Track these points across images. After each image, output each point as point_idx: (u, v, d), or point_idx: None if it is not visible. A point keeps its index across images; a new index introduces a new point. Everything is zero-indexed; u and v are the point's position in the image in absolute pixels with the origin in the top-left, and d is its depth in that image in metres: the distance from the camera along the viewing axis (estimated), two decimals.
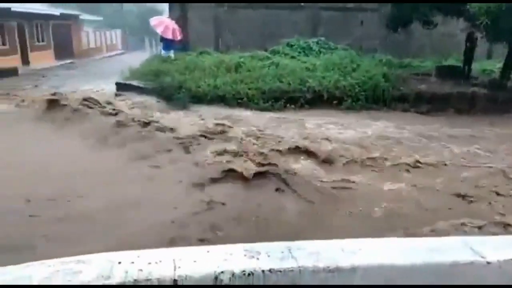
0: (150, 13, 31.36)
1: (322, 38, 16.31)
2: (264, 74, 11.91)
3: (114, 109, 9.21)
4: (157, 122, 8.27)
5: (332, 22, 17.53)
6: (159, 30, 16.03)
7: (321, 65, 12.64)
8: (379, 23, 14.98)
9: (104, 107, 9.29)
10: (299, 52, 15.05)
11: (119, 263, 0.92)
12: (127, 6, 38.53)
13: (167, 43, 15.98)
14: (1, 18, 19.69)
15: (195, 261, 0.96)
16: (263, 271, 0.99)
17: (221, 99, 10.89)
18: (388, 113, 10.76)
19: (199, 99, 10.86)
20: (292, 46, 15.46)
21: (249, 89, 11.03)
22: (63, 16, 25.93)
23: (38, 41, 24.10)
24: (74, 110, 9.17)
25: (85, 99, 9.70)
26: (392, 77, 11.84)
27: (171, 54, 15.59)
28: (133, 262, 0.93)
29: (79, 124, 8.46)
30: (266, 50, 14.97)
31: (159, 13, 34.24)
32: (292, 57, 14.40)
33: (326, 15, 17.86)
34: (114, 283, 0.86)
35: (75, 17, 28.74)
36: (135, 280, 0.88)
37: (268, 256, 1.03)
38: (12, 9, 19.60)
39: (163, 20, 16.85)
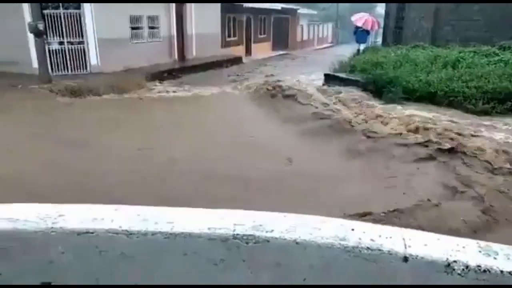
0: (361, 8, 31.52)
1: None
2: (488, 72, 10.44)
3: (313, 98, 9.75)
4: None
5: None
6: (359, 24, 18.17)
7: None
8: None
9: (310, 96, 9.88)
10: None
11: (352, 229, 0.99)
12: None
13: (361, 36, 18.11)
14: (235, 13, 22.83)
15: (425, 245, 0.95)
16: (501, 271, 0.90)
17: (432, 96, 10.09)
18: None
19: (408, 94, 10.32)
20: None
21: (467, 87, 9.87)
22: (283, 11, 28.32)
23: (260, 33, 27.03)
24: (284, 96, 10.06)
25: (292, 87, 10.58)
26: None
27: (361, 47, 17.57)
28: (364, 232, 0.99)
29: (285, 108, 9.24)
30: (493, 46, 13.07)
31: (369, 8, 34.18)
32: None
33: None
34: (348, 245, 0.93)
35: (294, 11, 30.97)
36: (367, 248, 0.93)
37: (508, 258, 0.94)
38: (244, 5, 22.49)
39: (363, 16, 19.12)
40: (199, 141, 6.93)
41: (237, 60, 20.45)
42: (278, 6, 27.49)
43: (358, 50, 16.99)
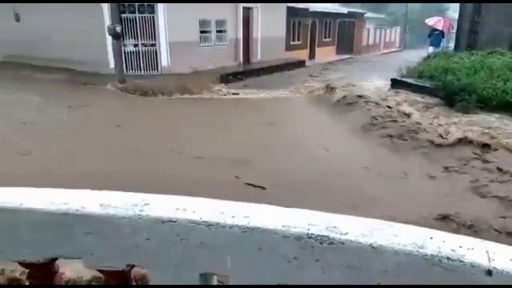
0: (432, 10, 30.12)
1: None
2: None
3: (380, 104, 9.45)
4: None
5: None
6: (437, 26, 18.24)
7: None
8: None
9: (373, 101, 9.60)
10: None
11: (431, 238, 0.96)
12: (411, 4, 37.96)
13: (435, 39, 17.93)
14: (300, 17, 22.81)
15: (511, 259, 0.90)
16: None
17: (510, 106, 9.38)
18: None
19: (483, 103, 9.66)
20: None
21: None
22: (349, 14, 27.83)
23: (325, 37, 26.76)
24: (349, 102, 9.87)
25: (357, 92, 10.37)
26: None
27: (431, 50, 17.12)
28: (444, 241, 0.95)
29: (351, 114, 9.05)
30: None
31: (440, 11, 32.58)
32: None
33: None
34: (427, 253, 0.91)
35: (360, 15, 30.33)
36: (447, 257, 0.90)
37: None
38: (310, 9, 22.41)
39: (438, 19, 19.10)
40: (274, 147, 6.94)
41: (300, 64, 20.41)
42: (344, 9, 27.06)
43: (429, 55, 16.22)
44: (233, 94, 12.65)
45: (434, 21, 18.75)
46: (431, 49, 17.54)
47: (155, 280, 1.06)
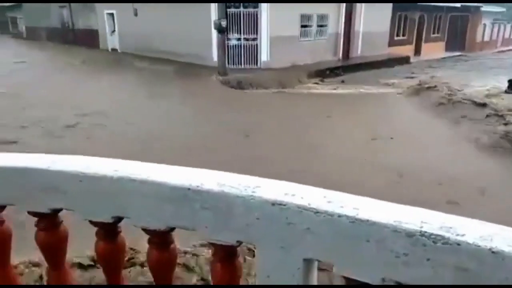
0: None
1: None
2: None
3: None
4: None
5: None
6: None
7: None
8: None
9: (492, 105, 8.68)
10: None
11: None
12: None
13: None
14: (407, 11, 21.58)
15: None
16: None
17: None
18: None
19: None
20: None
21: None
22: (463, 8, 25.58)
23: (433, 33, 24.98)
24: (453, 102, 9.12)
25: (466, 93, 9.49)
26: None
27: None
28: None
29: (463, 119, 8.33)
30: None
31: None
32: None
33: None
34: None
35: (476, 8, 27.69)
36: None
37: None
38: (419, 2, 21.07)
39: None
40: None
41: (404, 60, 19.36)
42: (457, 3, 24.93)
43: None
44: (332, 89, 12.49)
45: None
46: None
47: (261, 258, 1.11)
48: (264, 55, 14.32)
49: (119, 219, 1.24)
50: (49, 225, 1.34)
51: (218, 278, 1.23)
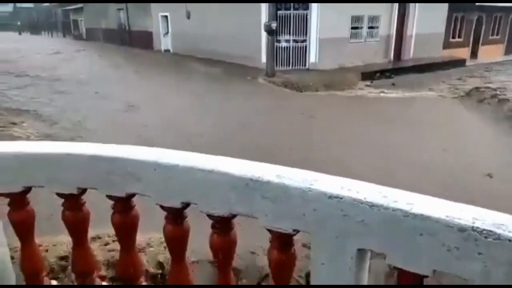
0: None
1: None
2: None
3: None
4: None
5: None
6: None
7: None
8: None
9: None
10: None
11: None
12: None
13: None
14: (464, 12, 20.68)
15: None
16: None
17: None
18: None
19: None
20: None
21: None
22: None
23: (492, 34, 23.74)
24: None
25: None
26: None
27: None
28: None
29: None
30: None
31: None
32: None
33: None
34: None
35: None
36: None
37: None
38: (477, 3, 20.12)
39: None
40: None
41: (458, 63, 18.56)
42: None
43: None
44: (381, 93, 12.24)
45: None
46: None
47: (316, 247, 1.20)
48: (312, 57, 14.30)
49: (187, 205, 1.37)
50: (124, 208, 1.50)
51: (274, 264, 1.33)
